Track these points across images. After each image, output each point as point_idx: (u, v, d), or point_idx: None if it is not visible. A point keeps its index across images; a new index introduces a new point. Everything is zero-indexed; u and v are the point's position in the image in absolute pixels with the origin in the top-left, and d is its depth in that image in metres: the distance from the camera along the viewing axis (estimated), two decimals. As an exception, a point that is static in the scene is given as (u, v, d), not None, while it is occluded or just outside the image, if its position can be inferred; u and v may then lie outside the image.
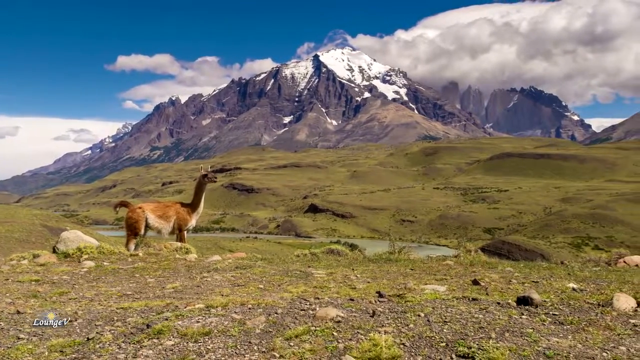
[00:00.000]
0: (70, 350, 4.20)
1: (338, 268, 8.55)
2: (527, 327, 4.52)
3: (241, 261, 9.50)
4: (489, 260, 9.39)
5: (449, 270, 8.25)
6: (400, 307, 5.33)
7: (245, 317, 4.90)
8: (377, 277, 7.69)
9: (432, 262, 9.63)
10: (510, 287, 6.57)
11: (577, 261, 11.04)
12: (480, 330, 4.43)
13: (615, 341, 4.21)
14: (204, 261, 9.56)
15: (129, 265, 9.00)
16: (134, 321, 4.94)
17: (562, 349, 3.97)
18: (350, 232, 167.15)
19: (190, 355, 3.98)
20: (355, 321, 4.75)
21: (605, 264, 10.32)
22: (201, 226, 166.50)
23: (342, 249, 11.71)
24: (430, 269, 8.54)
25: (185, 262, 9.41)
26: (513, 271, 8.03)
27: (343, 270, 8.23)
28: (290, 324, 4.70)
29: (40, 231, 32.97)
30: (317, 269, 8.41)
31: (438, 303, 5.41)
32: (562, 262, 10.63)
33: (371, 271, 8.25)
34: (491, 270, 8.13)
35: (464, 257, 9.84)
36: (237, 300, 5.60)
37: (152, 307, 5.56)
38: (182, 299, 6.05)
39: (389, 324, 4.68)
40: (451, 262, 9.26)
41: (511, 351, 3.91)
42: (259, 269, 8.41)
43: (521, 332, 4.40)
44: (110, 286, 7.18)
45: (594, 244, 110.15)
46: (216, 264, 9.03)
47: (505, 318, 4.81)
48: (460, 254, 10.46)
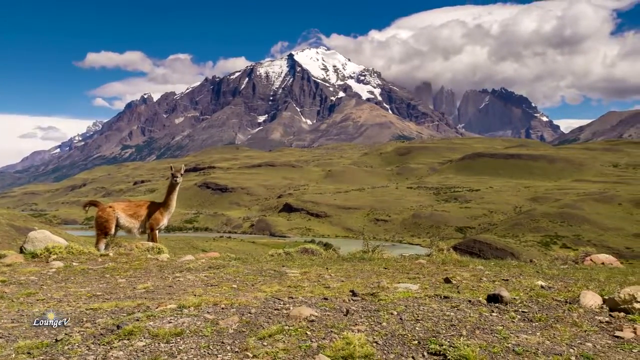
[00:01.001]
0: (38, 352, 4.11)
1: (312, 267, 8.55)
2: (497, 325, 4.61)
3: (214, 261, 9.42)
4: (460, 259, 9.54)
5: (421, 269, 8.36)
6: (374, 305, 5.37)
7: (218, 317, 4.87)
8: (350, 276, 7.72)
9: (405, 261, 9.73)
10: (481, 285, 6.69)
11: (546, 259, 11.33)
12: (452, 328, 4.50)
13: (582, 337, 4.33)
14: (177, 261, 9.44)
15: (99, 266, 8.81)
16: (104, 322, 4.85)
17: (530, 346, 4.07)
18: (324, 232, 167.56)
19: (161, 356, 3.93)
20: (329, 320, 4.76)
21: (573, 262, 10.63)
22: (174, 226, 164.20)
23: (316, 248, 11.73)
24: (404, 267, 8.63)
25: (157, 262, 9.27)
26: (484, 269, 8.19)
27: (317, 270, 8.25)
28: (263, 323, 4.68)
29: (6, 231, 32.02)
30: (291, 268, 8.41)
31: (410, 301, 5.47)
32: (531, 261, 10.89)
33: (345, 270, 8.29)
34: (463, 269, 8.27)
35: (436, 256, 9.98)
36: (210, 300, 5.55)
37: (123, 308, 5.47)
38: (153, 300, 5.96)
39: (362, 322, 4.71)
40: (423, 261, 9.38)
41: (481, 348, 3.98)
42: (232, 269, 8.35)
43: (491, 329, 4.48)
44: (79, 287, 7.02)
45: (562, 242, 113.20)
46: (189, 264, 8.93)
47: (476, 315, 4.90)
48: (432, 252, 10.60)
